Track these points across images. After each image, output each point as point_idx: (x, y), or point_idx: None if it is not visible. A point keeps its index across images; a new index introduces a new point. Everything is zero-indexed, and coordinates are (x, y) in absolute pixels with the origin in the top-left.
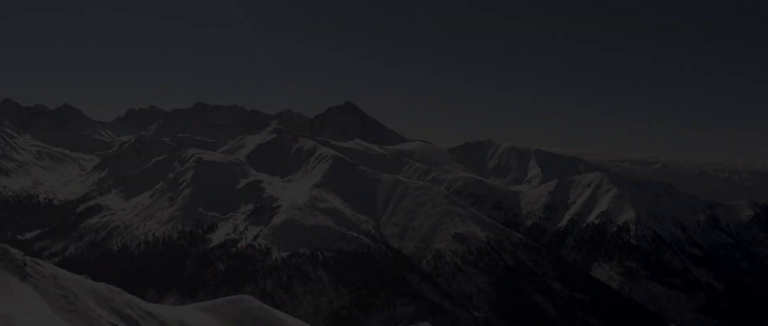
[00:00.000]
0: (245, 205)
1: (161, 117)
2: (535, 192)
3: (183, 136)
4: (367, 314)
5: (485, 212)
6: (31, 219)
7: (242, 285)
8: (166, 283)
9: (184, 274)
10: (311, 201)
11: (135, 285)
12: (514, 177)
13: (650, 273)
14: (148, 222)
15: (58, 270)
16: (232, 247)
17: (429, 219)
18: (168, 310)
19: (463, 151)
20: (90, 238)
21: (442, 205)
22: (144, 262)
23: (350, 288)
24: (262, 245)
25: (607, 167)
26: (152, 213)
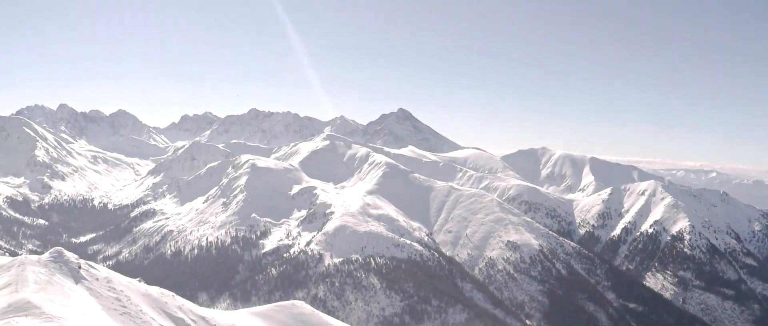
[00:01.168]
0: (298, 211)
1: (215, 123)
2: (588, 200)
3: (237, 142)
4: (419, 321)
5: (539, 220)
6: (86, 222)
7: (294, 291)
8: (219, 288)
9: (237, 279)
10: (364, 207)
11: (188, 290)
12: (567, 185)
13: (704, 284)
14: (202, 227)
15: (111, 273)
16: (284, 253)
17: (482, 226)
18: (220, 314)
19: (517, 158)
20: (144, 242)
21: (496, 213)
22: (197, 267)
23: (402, 295)
24: (314, 251)
25: (662, 175)
26: (206, 219)
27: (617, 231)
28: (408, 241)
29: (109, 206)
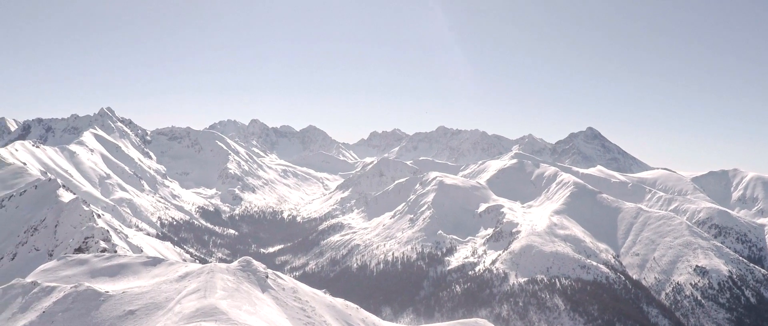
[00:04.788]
0: (485, 229)
1: (404, 140)
2: None
3: (425, 159)
4: None
5: (728, 245)
6: (274, 234)
7: (478, 309)
8: (403, 302)
9: (421, 295)
10: (551, 227)
11: (372, 303)
12: (759, 209)
13: None
14: (388, 242)
15: (297, 283)
16: (469, 270)
17: (670, 250)
18: None
19: (707, 180)
20: (330, 255)
21: (684, 237)
22: (382, 281)
23: (586, 317)
24: (499, 270)
25: None
26: (392, 234)
27: None
28: (594, 263)
29: (298, 219)
